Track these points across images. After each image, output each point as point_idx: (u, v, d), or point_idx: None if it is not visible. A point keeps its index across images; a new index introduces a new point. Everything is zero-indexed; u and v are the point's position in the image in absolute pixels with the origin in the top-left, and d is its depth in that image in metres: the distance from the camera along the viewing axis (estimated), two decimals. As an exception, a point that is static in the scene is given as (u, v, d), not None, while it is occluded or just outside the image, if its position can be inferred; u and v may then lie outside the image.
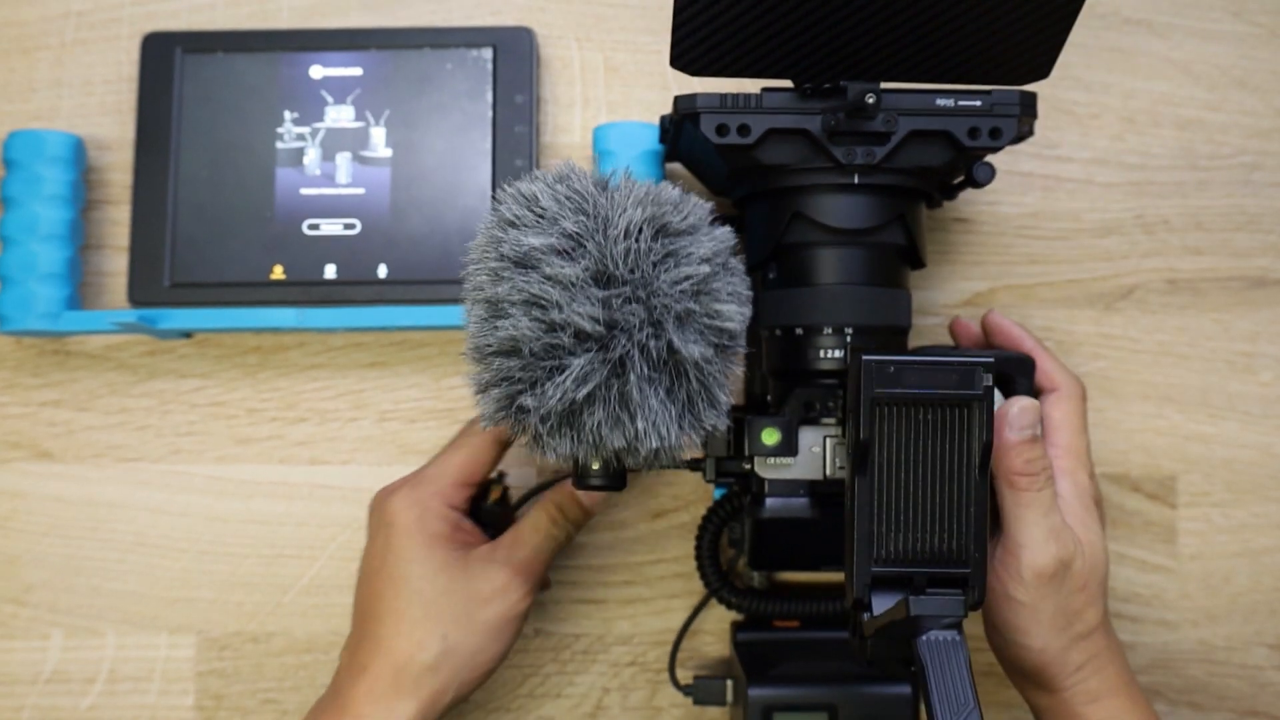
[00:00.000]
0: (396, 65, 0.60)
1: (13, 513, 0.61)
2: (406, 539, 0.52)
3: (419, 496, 0.53)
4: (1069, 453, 0.52)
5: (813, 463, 0.49)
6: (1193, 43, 0.63)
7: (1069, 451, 0.52)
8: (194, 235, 0.59)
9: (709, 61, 0.47)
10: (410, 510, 0.52)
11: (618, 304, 0.42)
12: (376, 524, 0.53)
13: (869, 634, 0.43)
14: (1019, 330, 0.56)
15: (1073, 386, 0.53)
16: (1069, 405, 0.53)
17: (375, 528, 0.53)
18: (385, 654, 0.51)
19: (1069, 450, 0.52)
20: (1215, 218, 0.63)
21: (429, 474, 0.53)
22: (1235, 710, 0.61)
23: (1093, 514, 0.51)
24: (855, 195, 0.50)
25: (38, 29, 0.63)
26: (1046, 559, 0.48)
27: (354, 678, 0.51)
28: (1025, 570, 0.47)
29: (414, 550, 0.52)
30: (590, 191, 0.44)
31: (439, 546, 0.52)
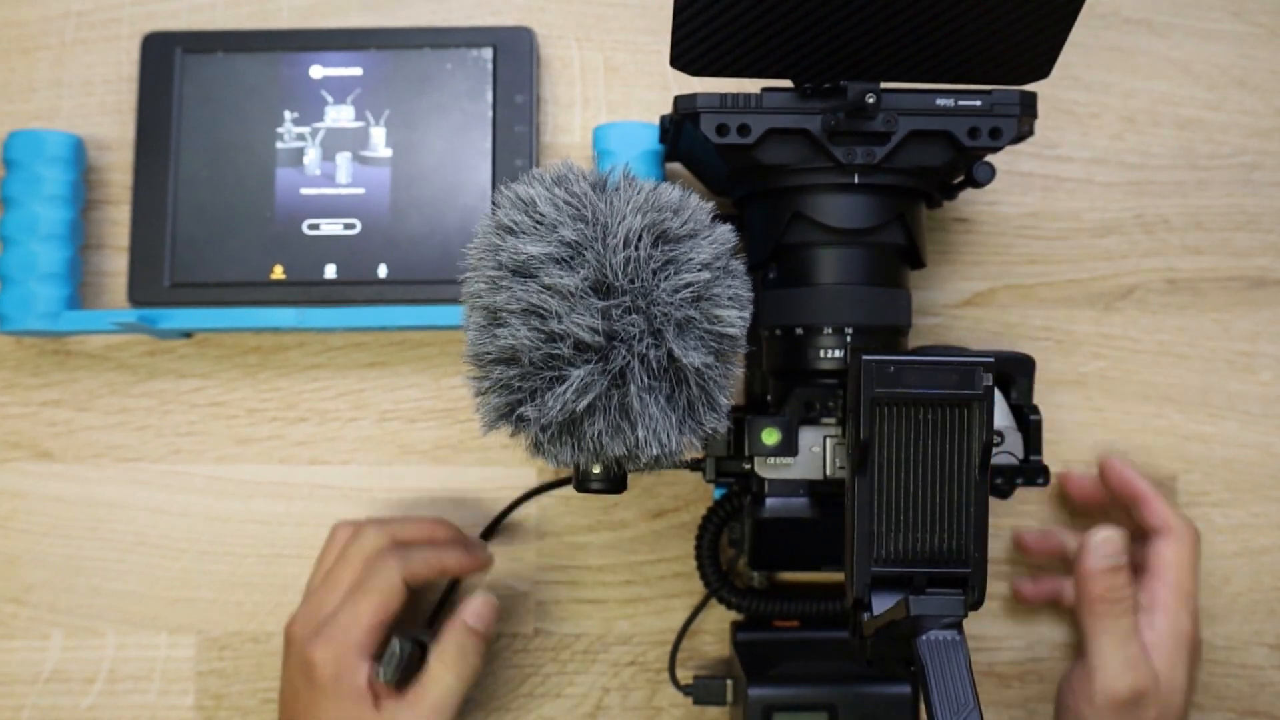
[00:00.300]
0: (396, 65, 0.60)
1: (13, 513, 0.61)
2: (325, 695, 0.52)
3: (336, 651, 0.52)
4: (1176, 592, 0.54)
5: (813, 463, 0.49)
6: (1193, 42, 0.63)
7: (1176, 591, 0.54)
8: (194, 235, 0.59)
9: (709, 61, 0.47)
10: (329, 665, 0.52)
11: (618, 314, 0.42)
12: (296, 666, 0.53)
13: (869, 634, 0.43)
14: (1132, 473, 0.58)
15: (1185, 530, 0.56)
16: (1182, 548, 0.55)
17: (294, 669, 0.54)
18: None
19: (1176, 589, 0.54)
20: (1215, 217, 0.63)
21: (344, 622, 0.53)
22: (1235, 710, 0.61)
23: (1183, 655, 0.53)
24: (855, 195, 0.50)
25: (38, 29, 0.63)
26: (1121, 686, 0.50)
27: None
28: (1098, 694, 0.50)
29: (333, 707, 0.52)
30: (588, 196, 0.44)
31: (356, 702, 0.52)
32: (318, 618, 0.53)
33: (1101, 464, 0.59)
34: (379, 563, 0.54)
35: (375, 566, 0.54)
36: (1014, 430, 0.51)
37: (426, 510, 0.61)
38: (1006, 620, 0.61)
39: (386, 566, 0.53)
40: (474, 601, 0.55)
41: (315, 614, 0.54)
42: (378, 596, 0.53)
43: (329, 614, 0.53)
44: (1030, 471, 0.51)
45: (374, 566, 0.54)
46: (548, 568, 0.61)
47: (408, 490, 0.61)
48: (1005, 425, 0.51)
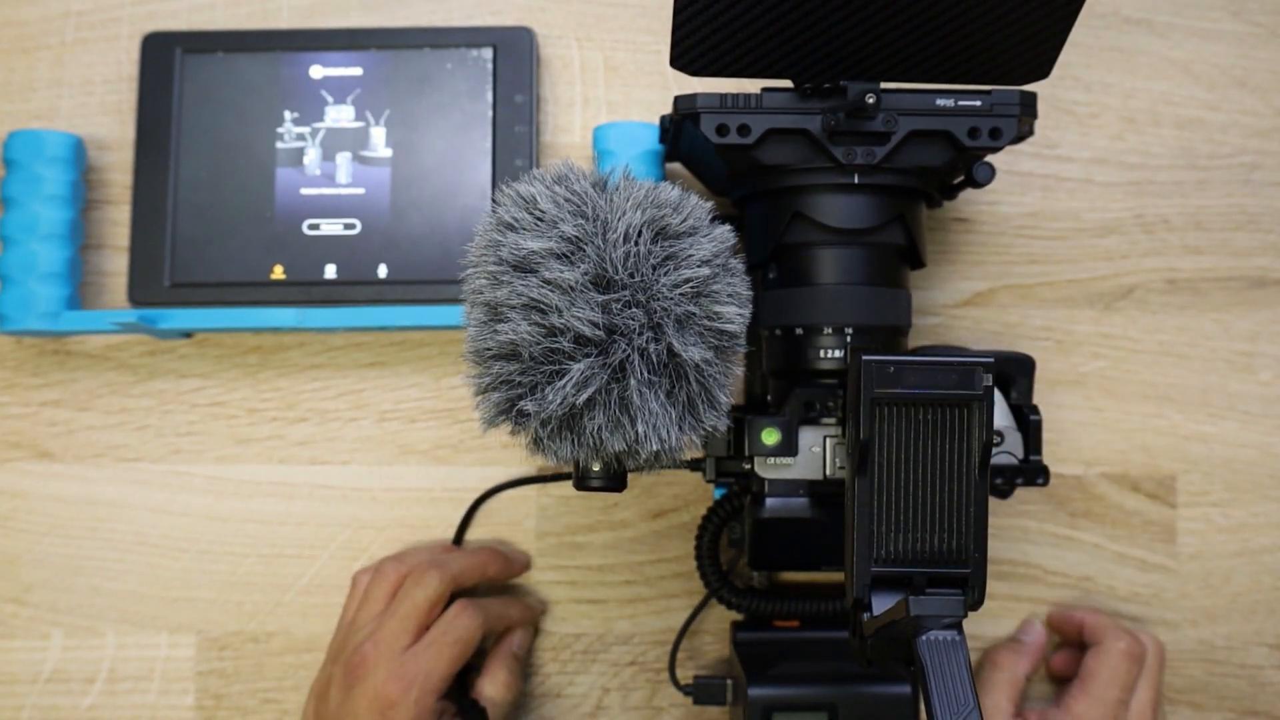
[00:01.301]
0: (396, 65, 0.60)
1: (13, 513, 0.61)
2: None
3: (419, 695, 0.53)
4: (1093, 701, 0.56)
5: (813, 463, 0.49)
6: (1193, 42, 0.63)
7: (1095, 700, 0.56)
8: (194, 235, 0.59)
9: (709, 61, 0.47)
10: (409, 709, 0.52)
11: (617, 308, 0.42)
12: (368, 697, 0.53)
13: (869, 634, 0.43)
14: (1068, 611, 0.61)
15: (1116, 643, 0.57)
16: (1107, 658, 0.57)
17: (364, 699, 0.53)
18: None
19: (1096, 700, 0.56)
20: (1215, 217, 0.63)
21: (426, 668, 0.53)
22: (1235, 710, 0.61)
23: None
24: (855, 195, 0.50)
25: (38, 29, 0.63)
26: None
27: None
28: None
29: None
30: (589, 193, 0.44)
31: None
32: (393, 651, 0.53)
33: (1047, 619, 0.61)
34: (462, 614, 0.55)
35: (458, 618, 0.55)
36: (1014, 430, 0.51)
37: (426, 510, 0.61)
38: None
39: (469, 617, 0.55)
40: (519, 634, 0.59)
41: (389, 647, 0.54)
42: (461, 649, 0.54)
43: (406, 651, 0.54)
44: (1030, 471, 0.51)
45: (455, 618, 0.55)
46: (548, 568, 0.61)
47: (408, 490, 0.61)
48: (1005, 425, 0.51)
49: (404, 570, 0.57)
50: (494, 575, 0.59)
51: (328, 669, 0.56)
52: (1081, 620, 0.59)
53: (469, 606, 0.56)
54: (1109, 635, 0.57)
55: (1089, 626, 0.59)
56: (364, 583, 0.58)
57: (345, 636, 0.56)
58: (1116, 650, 0.57)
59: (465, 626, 0.55)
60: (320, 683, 0.56)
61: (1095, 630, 0.58)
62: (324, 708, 0.54)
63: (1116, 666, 0.56)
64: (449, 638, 0.54)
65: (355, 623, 0.56)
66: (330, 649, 0.57)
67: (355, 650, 0.54)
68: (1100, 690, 0.56)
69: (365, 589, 0.57)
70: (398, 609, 0.55)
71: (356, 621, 0.56)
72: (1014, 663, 0.58)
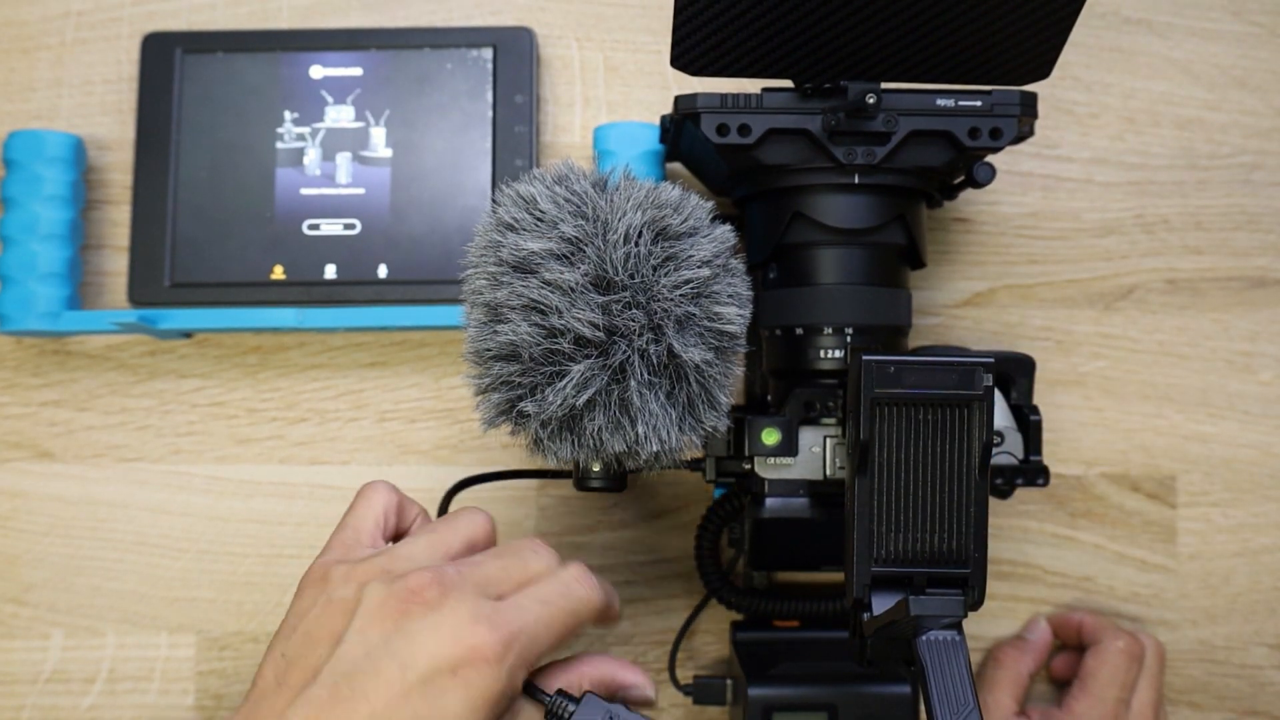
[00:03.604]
0: (396, 65, 0.60)
1: (13, 513, 0.61)
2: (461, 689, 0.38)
3: (514, 671, 0.39)
4: (1092, 700, 0.56)
5: (813, 463, 0.49)
6: (1193, 43, 0.63)
7: (1094, 699, 0.56)
8: (194, 235, 0.59)
9: (709, 61, 0.47)
10: (494, 676, 0.39)
11: (618, 309, 0.42)
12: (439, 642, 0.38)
13: (869, 634, 0.43)
14: (1067, 614, 0.61)
15: (1114, 643, 0.58)
16: (1105, 657, 0.57)
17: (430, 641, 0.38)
18: None
19: (1095, 698, 0.56)
20: (1215, 217, 0.63)
21: (529, 624, 0.40)
22: (1235, 710, 0.61)
23: None
24: (855, 195, 0.50)
25: (38, 29, 0.63)
26: None
27: None
28: None
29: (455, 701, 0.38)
30: (589, 194, 0.44)
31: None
32: (480, 593, 0.40)
33: (1048, 622, 0.60)
34: (584, 581, 0.44)
35: (579, 582, 0.43)
36: (1014, 430, 0.51)
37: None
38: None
39: (591, 588, 0.43)
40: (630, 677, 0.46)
41: (478, 587, 0.41)
42: (573, 622, 0.42)
43: (501, 600, 0.41)
44: (1030, 471, 0.51)
45: (576, 581, 0.43)
46: (548, 568, 0.61)
47: (408, 490, 0.61)
48: (1005, 425, 0.51)
49: (489, 523, 0.46)
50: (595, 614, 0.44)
51: (327, 589, 0.41)
52: (1080, 622, 0.59)
53: (592, 576, 0.44)
54: (1108, 635, 0.57)
55: (1088, 627, 0.59)
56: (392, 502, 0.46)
57: (375, 559, 0.42)
58: (1115, 649, 0.57)
59: (585, 598, 0.43)
60: (316, 614, 0.41)
61: (1094, 631, 0.58)
62: (310, 648, 0.40)
63: (1116, 665, 0.56)
64: (566, 602, 0.42)
65: (400, 553, 0.43)
66: (318, 571, 0.42)
67: (425, 571, 0.40)
68: (1100, 689, 0.56)
69: (431, 522, 0.45)
70: (500, 554, 0.43)
71: (404, 552, 0.43)
72: (1018, 660, 0.58)
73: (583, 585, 0.43)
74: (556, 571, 0.43)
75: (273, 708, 0.38)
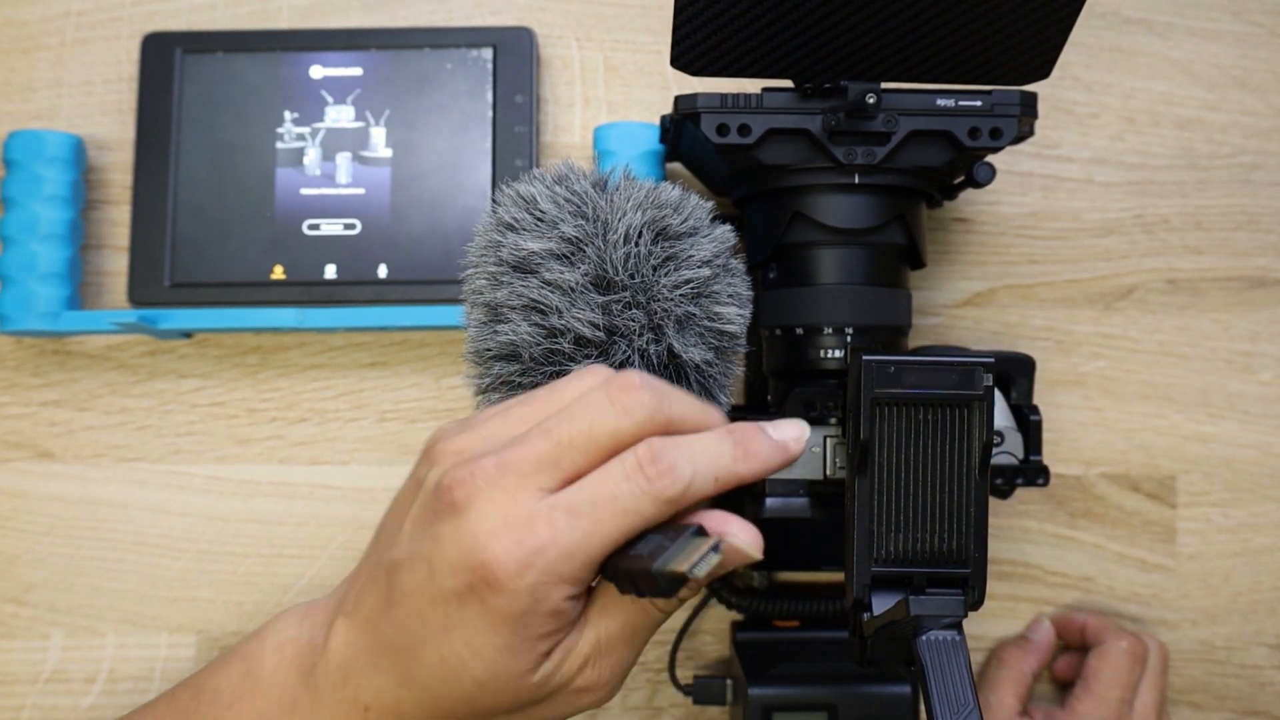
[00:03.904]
0: (396, 65, 0.60)
1: (13, 513, 0.61)
2: (488, 635, 0.36)
3: (535, 591, 0.35)
4: (1097, 700, 0.56)
5: (813, 463, 0.49)
6: (1193, 43, 0.63)
7: (1098, 700, 0.56)
8: (194, 235, 0.59)
9: (709, 61, 0.47)
10: (513, 598, 0.35)
11: (618, 309, 0.42)
12: (455, 554, 0.36)
13: (869, 634, 0.43)
14: (1069, 614, 0.61)
15: (1118, 643, 0.58)
16: (1108, 657, 0.57)
17: (448, 551, 0.36)
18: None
19: (1099, 699, 0.56)
20: (1215, 217, 0.63)
21: (562, 537, 0.35)
22: (1235, 710, 0.61)
23: None
24: (855, 195, 0.50)
25: (38, 29, 0.63)
26: None
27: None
28: None
29: (487, 653, 0.36)
30: (589, 194, 0.44)
31: (521, 654, 0.37)
32: (518, 490, 0.36)
33: (1052, 622, 0.60)
34: (661, 459, 0.36)
35: (653, 465, 0.36)
36: (1014, 430, 0.51)
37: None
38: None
39: (669, 471, 0.36)
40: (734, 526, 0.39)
41: (515, 482, 0.36)
42: (629, 523, 0.36)
43: (541, 499, 0.36)
44: (1030, 471, 0.51)
45: (647, 467, 0.36)
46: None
47: (408, 490, 0.61)
48: (1005, 425, 0.51)
49: (601, 374, 0.39)
50: (732, 463, 0.38)
51: (423, 459, 0.40)
52: (1084, 622, 0.59)
53: (671, 449, 0.36)
54: (1111, 635, 0.58)
55: (1091, 628, 0.59)
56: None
57: (463, 433, 0.39)
58: (1118, 649, 0.57)
59: (651, 491, 0.36)
60: (405, 489, 0.41)
61: (1097, 631, 0.58)
62: (394, 525, 0.40)
63: (1119, 665, 0.56)
64: (621, 502, 0.36)
65: (484, 428, 0.39)
66: (434, 435, 0.41)
67: (465, 465, 0.37)
68: (1103, 689, 0.56)
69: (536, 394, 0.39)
70: (554, 427, 0.37)
71: (488, 429, 0.39)
72: (1021, 660, 0.58)
73: (637, 479, 0.35)
74: (624, 458, 0.36)
75: (358, 576, 0.41)
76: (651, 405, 0.37)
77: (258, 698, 0.41)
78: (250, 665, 0.42)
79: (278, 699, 0.40)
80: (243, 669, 0.42)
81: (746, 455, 0.38)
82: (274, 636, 0.42)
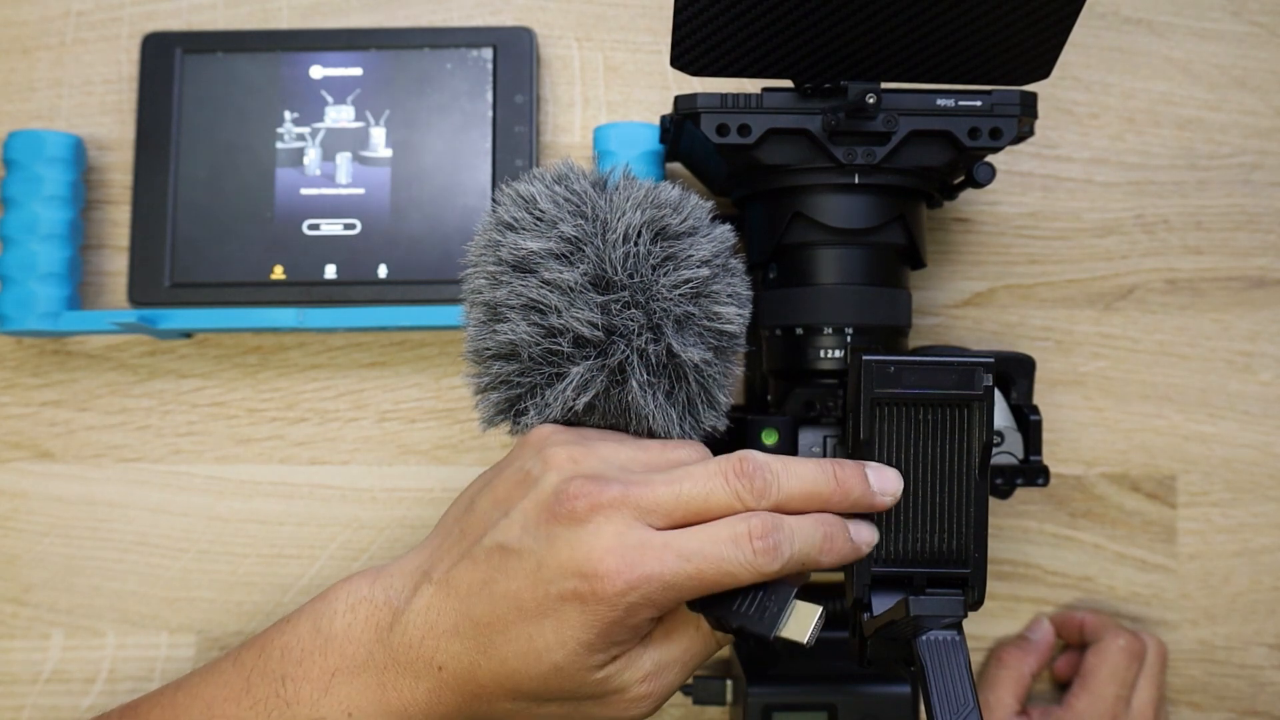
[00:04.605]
0: (396, 65, 0.60)
1: (13, 513, 0.61)
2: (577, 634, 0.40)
3: (633, 609, 0.40)
4: (1093, 698, 0.57)
5: (813, 463, 0.49)
6: (1193, 42, 0.63)
7: (1094, 697, 0.57)
8: (194, 235, 0.59)
9: (709, 61, 0.47)
10: (609, 607, 0.40)
11: (617, 309, 0.42)
12: (569, 557, 0.40)
13: (869, 634, 0.43)
14: (1069, 613, 0.61)
15: (1115, 641, 0.58)
16: (1105, 655, 0.57)
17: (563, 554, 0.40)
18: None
19: (1095, 696, 0.57)
20: (1215, 218, 0.63)
21: (668, 568, 0.39)
22: (1235, 710, 0.61)
23: None
24: (855, 195, 0.50)
25: (38, 29, 0.63)
26: None
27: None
28: None
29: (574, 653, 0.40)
30: (589, 193, 0.44)
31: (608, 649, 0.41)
32: (637, 516, 0.40)
33: (1050, 621, 0.60)
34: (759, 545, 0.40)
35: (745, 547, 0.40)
36: (1014, 430, 0.51)
37: (426, 510, 0.61)
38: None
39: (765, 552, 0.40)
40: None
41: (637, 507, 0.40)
42: (722, 578, 0.40)
43: (656, 531, 0.40)
44: (1030, 471, 0.51)
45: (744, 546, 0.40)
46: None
47: (408, 490, 0.61)
48: (1005, 425, 0.51)
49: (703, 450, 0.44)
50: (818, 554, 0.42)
51: (530, 455, 0.43)
52: (1082, 620, 0.59)
53: (776, 531, 0.40)
54: (1109, 633, 0.58)
55: (1089, 626, 0.59)
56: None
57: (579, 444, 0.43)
58: (1116, 647, 0.57)
59: (744, 562, 0.40)
60: (509, 477, 0.43)
61: (1095, 629, 0.58)
62: (493, 508, 0.43)
63: (1116, 663, 0.56)
64: (725, 564, 0.40)
65: (601, 449, 0.43)
66: (541, 435, 0.44)
67: (591, 480, 0.41)
68: (1100, 687, 0.56)
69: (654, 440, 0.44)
70: (679, 480, 0.41)
71: (605, 450, 0.43)
72: (1020, 660, 0.58)
73: (744, 549, 0.40)
74: (734, 524, 0.40)
75: (450, 550, 0.43)
76: (760, 493, 0.41)
77: (331, 654, 0.43)
78: (320, 623, 0.44)
79: (352, 654, 0.43)
80: (312, 627, 0.44)
81: (830, 550, 0.42)
82: (346, 597, 0.44)
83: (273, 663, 0.44)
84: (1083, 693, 0.56)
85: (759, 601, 0.41)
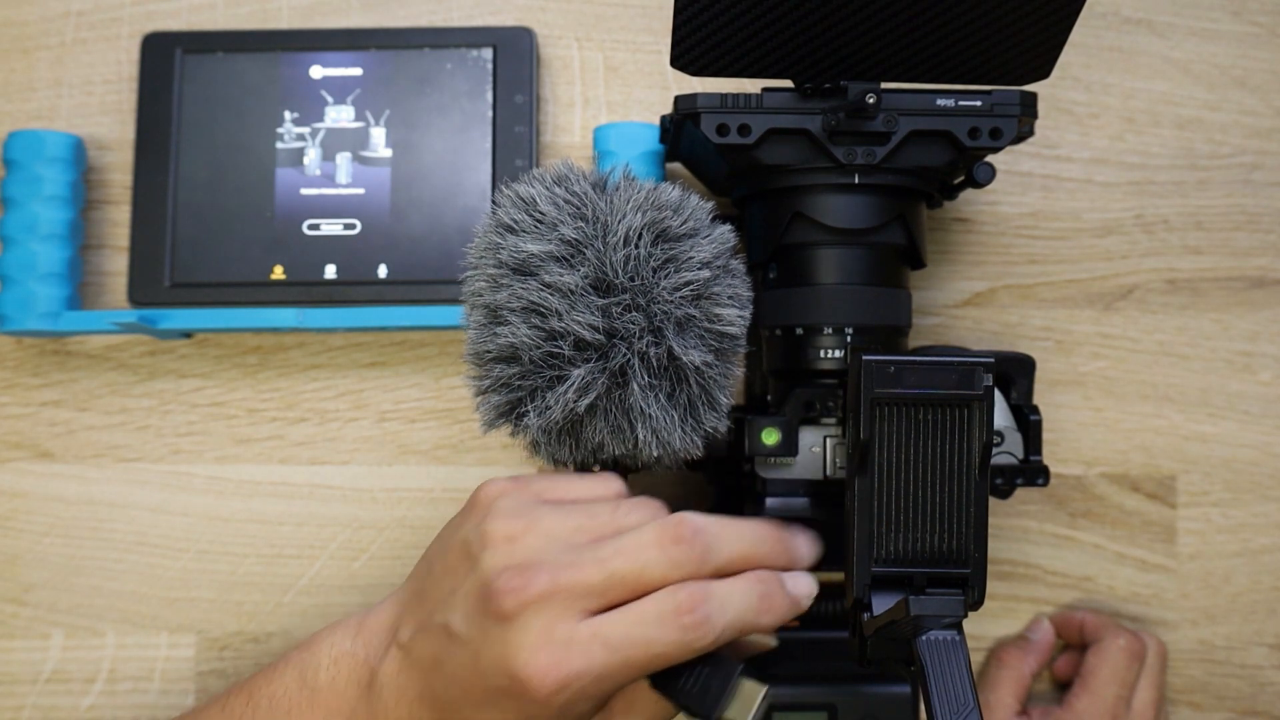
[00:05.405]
0: (396, 65, 0.60)
1: (13, 513, 0.61)
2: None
3: (566, 710, 0.40)
4: (1093, 698, 0.56)
5: (813, 463, 0.49)
6: (1193, 42, 0.63)
7: (1094, 697, 0.56)
8: (194, 235, 0.59)
9: (709, 61, 0.47)
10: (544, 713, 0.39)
11: (618, 312, 0.42)
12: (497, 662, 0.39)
13: (869, 634, 0.43)
14: (1069, 613, 0.60)
15: (1115, 641, 0.58)
16: (1105, 655, 0.57)
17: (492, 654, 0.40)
18: None
19: (1095, 696, 0.57)
20: (1215, 217, 0.63)
21: (596, 662, 0.39)
22: (1235, 710, 0.61)
23: None
24: (855, 195, 0.50)
25: (38, 29, 0.63)
26: None
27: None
28: None
29: None
30: (589, 195, 0.44)
31: None
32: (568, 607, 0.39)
33: (1051, 621, 0.60)
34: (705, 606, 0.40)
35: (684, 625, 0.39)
36: (1014, 430, 0.51)
37: (426, 510, 0.61)
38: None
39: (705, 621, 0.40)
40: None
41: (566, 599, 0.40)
42: (665, 657, 0.40)
43: (584, 620, 0.40)
44: (1030, 471, 0.51)
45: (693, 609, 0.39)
46: (548, 568, 0.61)
47: (408, 490, 0.61)
48: (1005, 425, 0.51)
49: (655, 509, 0.43)
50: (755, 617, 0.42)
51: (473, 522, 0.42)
52: (1082, 620, 0.59)
53: (705, 603, 0.40)
54: (1109, 633, 0.58)
55: (1089, 626, 0.59)
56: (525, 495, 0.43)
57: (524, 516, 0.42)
58: (1116, 647, 0.57)
59: (680, 642, 0.39)
60: (453, 548, 0.43)
61: (1096, 629, 0.58)
62: (445, 579, 0.42)
63: (1116, 663, 0.56)
64: (654, 646, 0.39)
65: (543, 524, 0.41)
66: (490, 493, 0.43)
67: (520, 572, 0.39)
68: (1100, 687, 0.56)
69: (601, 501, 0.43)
70: (608, 559, 0.40)
71: (546, 525, 0.41)
72: (1020, 660, 0.58)
73: (670, 627, 0.39)
74: (661, 601, 0.39)
75: (414, 612, 0.43)
76: (699, 560, 0.40)
77: (318, 708, 0.44)
78: (306, 676, 0.45)
79: (337, 708, 0.44)
80: (298, 678, 0.45)
81: (769, 610, 0.42)
82: (328, 650, 0.45)
83: (260, 712, 0.45)
84: (1083, 693, 0.56)
85: (703, 678, 0.40)
